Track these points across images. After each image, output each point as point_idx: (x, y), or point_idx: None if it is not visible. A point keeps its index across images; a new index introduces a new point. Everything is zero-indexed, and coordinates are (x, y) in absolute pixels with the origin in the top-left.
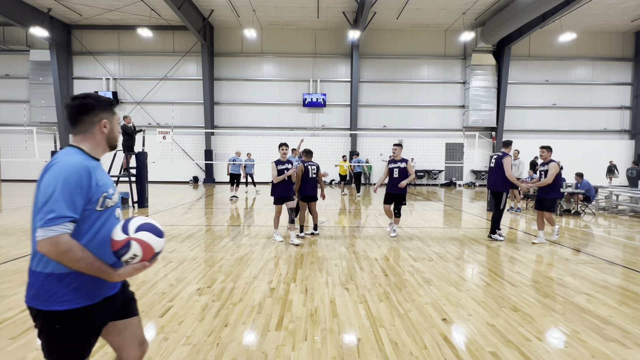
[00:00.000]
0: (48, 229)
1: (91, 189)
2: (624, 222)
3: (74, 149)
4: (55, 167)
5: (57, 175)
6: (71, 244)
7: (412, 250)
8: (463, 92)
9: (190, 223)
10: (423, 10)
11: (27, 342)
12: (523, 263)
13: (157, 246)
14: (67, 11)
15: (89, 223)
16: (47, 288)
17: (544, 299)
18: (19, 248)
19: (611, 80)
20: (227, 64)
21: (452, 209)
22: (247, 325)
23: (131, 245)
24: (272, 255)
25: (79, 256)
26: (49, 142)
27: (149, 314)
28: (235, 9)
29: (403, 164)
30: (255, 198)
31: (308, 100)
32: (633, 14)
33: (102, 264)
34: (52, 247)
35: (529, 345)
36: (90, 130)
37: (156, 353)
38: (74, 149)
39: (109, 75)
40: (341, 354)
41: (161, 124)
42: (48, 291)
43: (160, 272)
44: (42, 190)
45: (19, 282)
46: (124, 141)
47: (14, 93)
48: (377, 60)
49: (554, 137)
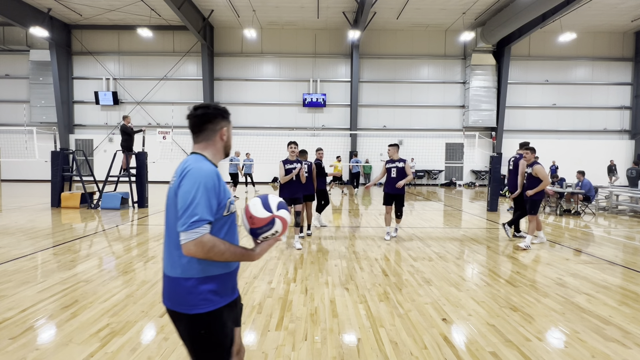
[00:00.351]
0: (192, 232)
1: (221, 194)
2: (624, 222)
3: (199, 156)
4: (192, 174)
5: (195, 181)
6: (213, 240)
7: (412, 250)
8: (463, 92)
9: None
10: (423, 10)
11: (27, 342)
12: (523, 263)
13: (289, 221)
14: (67, 11)
15: (217, 227)
16: (189, 292)
17: (544, 299)
18: (19, 248)
19: (611, 80)
20: (227, 64)
21: (452, 209)
22: (247, 325)
23: (275, 222)
24: (272, 255)
25: (223, 248)
26: (49, 142)
27: (149, 314)
28: (235, 9)
29: (401, 164)
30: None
31: (308, 100)
32: (633, 14)
33: (243, 249)
34: (199, 247)
35: (529, 345)
36: (212, 138)
37: (156, 353)
38: (199, 156)
39: (109, 75)
40: (341, 354)
41: (161, 124)
42: (190, 295)
43: (160, 272)
44: (183, 197)
45: (19, 282)
46: (123, 141)
47: (14, 93)
48: (377, 60)
49: (554, 137)
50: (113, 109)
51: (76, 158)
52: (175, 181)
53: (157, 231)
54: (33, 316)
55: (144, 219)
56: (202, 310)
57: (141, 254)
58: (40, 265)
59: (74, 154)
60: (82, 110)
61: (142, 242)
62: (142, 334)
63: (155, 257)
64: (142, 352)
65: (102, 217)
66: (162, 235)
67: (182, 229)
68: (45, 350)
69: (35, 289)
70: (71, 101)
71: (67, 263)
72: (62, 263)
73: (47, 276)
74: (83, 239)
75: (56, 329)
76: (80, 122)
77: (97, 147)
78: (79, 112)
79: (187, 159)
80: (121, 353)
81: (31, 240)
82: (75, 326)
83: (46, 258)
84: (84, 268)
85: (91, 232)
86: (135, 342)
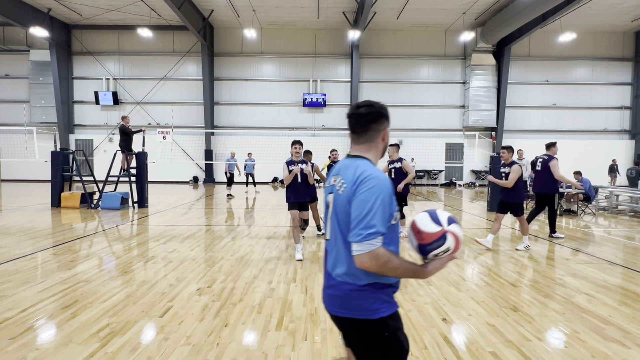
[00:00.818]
0: (367, 243)
1: (392, 203)
2: (624, 222)
3: (367, 161)
4: (373, 182)
5: (375, 190)
6: (387, 254)
7: (412, 250)
8: (463, 92)
9: (190, 223)
10: (423, 10)
11: (27, 342)
12: (523, 263)
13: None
14: (67, 11)
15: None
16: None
17: (544, 299)
18: (19, 248)
19: (611, 80)
20: (227, 64)
21: (452, 209)
22: (247, 325)
23: (447, 237)
24: (272, 255)
25: (397, 264)
26: (49, 142)
27: (149, 314)
28: (235, 9)
29: (398, 164)
30: (255, 198)
31: (308, 100)
32: (633, 14)
33: (414, 265)
34: (373, 260)
35: (529, 345)
36: (375, 139)
37: (156, 353)
38: (367, 161)
39: (109, 75)
40: (341, 354)
41: (161, 124)
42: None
43: (160, 272)
44: (359, 205)
45: (19, 282)
46: (122, 141)
47: (14, 93)
48: (377, 60)
49: (554, 137)
50: (113, 109)
51: (76, 158)
52: (349, 187)
53: (157, 231)
54: (33, 316)
55: (144, 219)
56: (385, 313)
57: (141, 254)
58: (40, 265)
59: (74, 154)
60: (82, 110)
61: (142, 242)
62: (142, 334)
63: (155, 257)
64: (142, 352)
65: (102, 217)
66: (163, 235)
67: (356, 239)
68: (45, 350)
69: (35, 289)
70: (71, 101)
71: (67, 263)
72: (62, 263)
73: (47, 276)
74: (83, 239)
75: (56, 329)
76: (80, 122)
77: (97, 147)
78: (79, 112)
79: (357, 163)
80: (121, 353)
81: (31, 240)
82: (75, 326)
83: (46, 258)
84: (84, 268)
85: (91, 232)
86: (135, 342)
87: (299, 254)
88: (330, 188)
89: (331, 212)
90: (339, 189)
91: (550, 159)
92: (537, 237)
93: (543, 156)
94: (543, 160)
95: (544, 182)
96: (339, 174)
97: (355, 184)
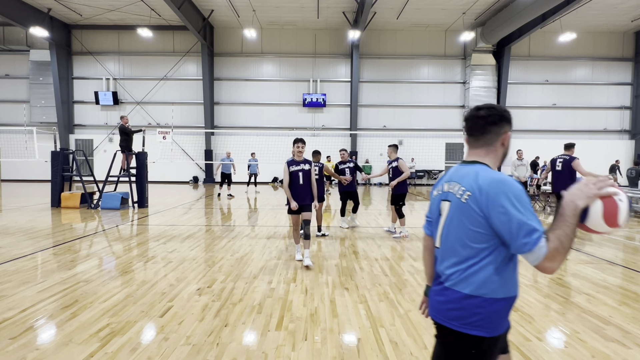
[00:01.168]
0: (537, 249)
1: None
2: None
3: (485, 166)
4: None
5: (512, 194)
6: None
7: (412, 250)
8: (463, 92)
9: (190, 223)
10: (423, 10)
11: (27, 342)
12: (523, 263)
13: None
14: (67, 11)
15: None
16: (476, 312)
17: (544, 299)
18: (19, 248)
19: (611, 80)
20: (227, 64)
21: None
22: (247, 325)
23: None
24: (272, 255)
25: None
26: (49, 142)
27: (149, 314)
28: (235, 9)
29: (395, 164)
30: (255, 198)
31: (308, 100)
32: (633, 14)
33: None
34: (553, 260)
35: (529, 345)
36: (493, 143)
37: (156, 353)
38: (485, 166)
39: (109, 75)
40: (341, 354)
41: (161, 124)
42: (476, 315)
43: (160, 272)
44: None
45: (19, 282)
46: (122, 141)
47: (14, 93)
48: (377, 60)
49: (554, 137)
50: (113, 109)
51: (76, 158)
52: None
53: (157, 231)
54: (33, 316)
55: (144, 219)
56: (484, 334)
57: (141, 254)
58: (40, 265)
59: (74, 154)
60: (82, 110)
61: (142, 242)
62: (142, 334)
63: (155, 257)
64: (142, 352)
65: (102, 217)
66: (163, 235)
67: (525, 250)
68: (45, 350)
69: (35, 289)
70: (71, 101)
71: (67, 263)
72: (62, 263)
73: (47, 276)
74: (83, 239)
75: (56, 329)
76: (80, 122)
77: (97, 147)
78: (79, 112)
79: (477, 169)
80: (121, 353)
81: (31, 240)
82: (75, 326)
83: (46, 258)
84: (84, 268)
85: (91, 232)
86: (135, 342)
87: (299, 254)
88: (444, 195)
89: (445, 220)
90: (459, 196)
91: (572, 159)
92: None
93: (563, 156)
94: (564, 160)
95: (566, 181)
96: (452, 180)
97: (483, 191)
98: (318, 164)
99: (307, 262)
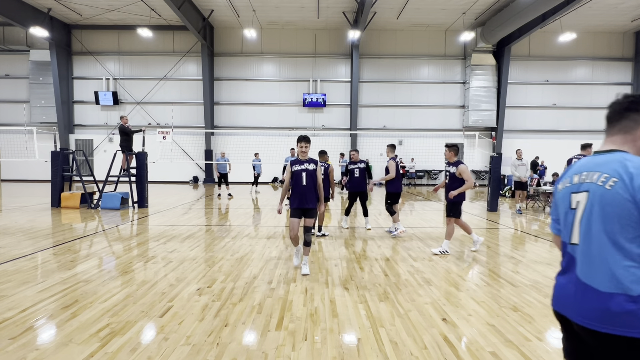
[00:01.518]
0: None
1: None
2: None
3: (626, 153)
4: None
5: None
6: None
7: (412, 250)
8: (463, 92)
9: (190, 223)
10: (423, 10)
11: (27, 342)
12: (523, 263)
13: None
14: (67, 11)
15: None
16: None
17: (544, 299)
18: (19, 248)
19: (611, 80)
20: (227, 64)
21: None
22: (247, 325)
23: None
24: (272, 255)
25: None
26: (49, 142)
27: (149, 314)
28: (235, 9)
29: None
30: (256, 198)
31: (308, 100)
32: (633, 14)
33: None
34: None
35: (529, 345)
36: (631, 130)
37: (156, 353)
38: (626, 153)
39: (109, 75)
40: (341, 354)
41: (161, 124)
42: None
43: (160, 272)
44: None
45: (19, 282)
46: (122, 141)
47: (14, 93)
48: (377, 60)
49: (554, 137)
50: (113, 109)
51: (76, 158)
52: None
53: (157, 231)
54: (33, 316)
55: (144, 219)
56: None
57: (141, 254)
58: (40, 265)
59: (74, 154)
60: (82, 110)
61: (142, 242)
62: (142, 334)
63: (155, 257)
64: (142, 352)
65: (102, 217)
66: (163, 235)
67: None
68: (45, 350)
69: (35, 289)
70: (71, 101)
71: (67, 263)
72: (62, 263)
73: (47, 276)
74: (83, 239)
75: (56, 329)
76: (80, 122)
77: (97, 147)
78: (79, 112)
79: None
80: (121, 353)
81: (31, 240)
82: (75, 326)
83: (46, 258)
84: (84, 268)
85: (91, 232)
86: (135, 342)
87: (297, 259)
88: (575, 187)
89: (582, 212)
90: (602, 184)
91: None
92: (537, 237)
93: (579, 156)
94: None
95: None
96: (586, 170)
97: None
98: (324, 164)
99: (305, 271)
